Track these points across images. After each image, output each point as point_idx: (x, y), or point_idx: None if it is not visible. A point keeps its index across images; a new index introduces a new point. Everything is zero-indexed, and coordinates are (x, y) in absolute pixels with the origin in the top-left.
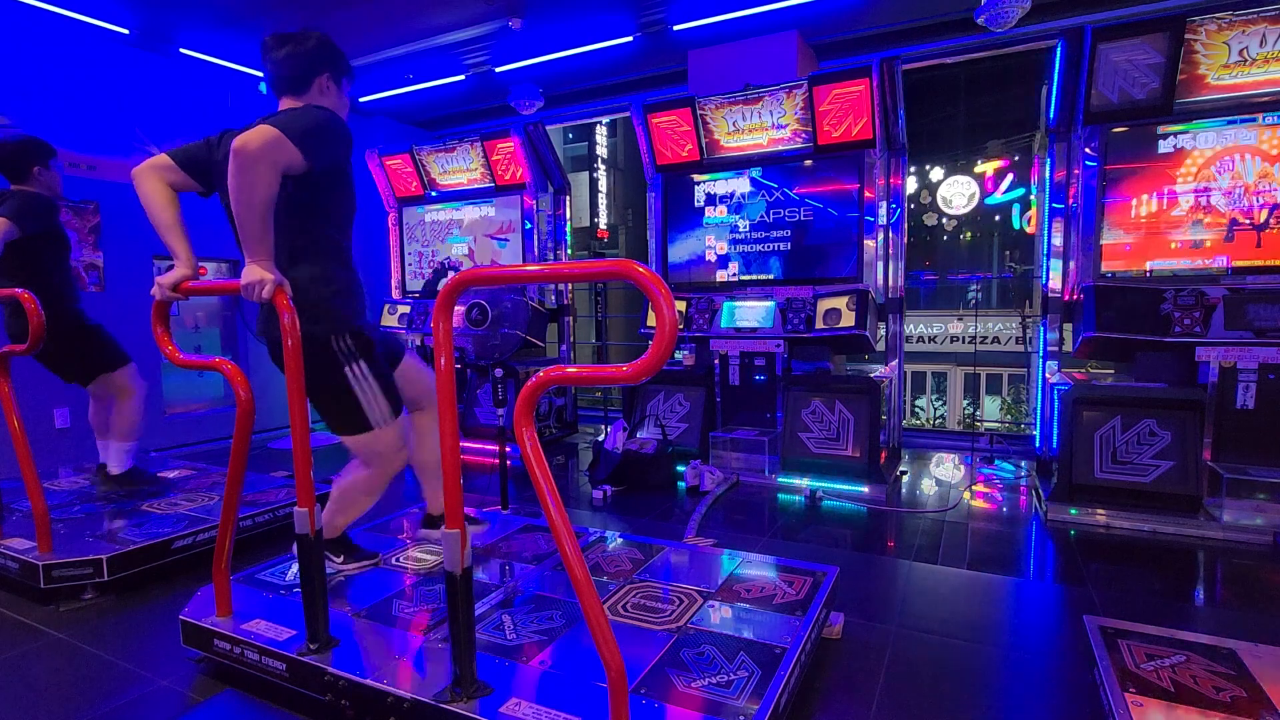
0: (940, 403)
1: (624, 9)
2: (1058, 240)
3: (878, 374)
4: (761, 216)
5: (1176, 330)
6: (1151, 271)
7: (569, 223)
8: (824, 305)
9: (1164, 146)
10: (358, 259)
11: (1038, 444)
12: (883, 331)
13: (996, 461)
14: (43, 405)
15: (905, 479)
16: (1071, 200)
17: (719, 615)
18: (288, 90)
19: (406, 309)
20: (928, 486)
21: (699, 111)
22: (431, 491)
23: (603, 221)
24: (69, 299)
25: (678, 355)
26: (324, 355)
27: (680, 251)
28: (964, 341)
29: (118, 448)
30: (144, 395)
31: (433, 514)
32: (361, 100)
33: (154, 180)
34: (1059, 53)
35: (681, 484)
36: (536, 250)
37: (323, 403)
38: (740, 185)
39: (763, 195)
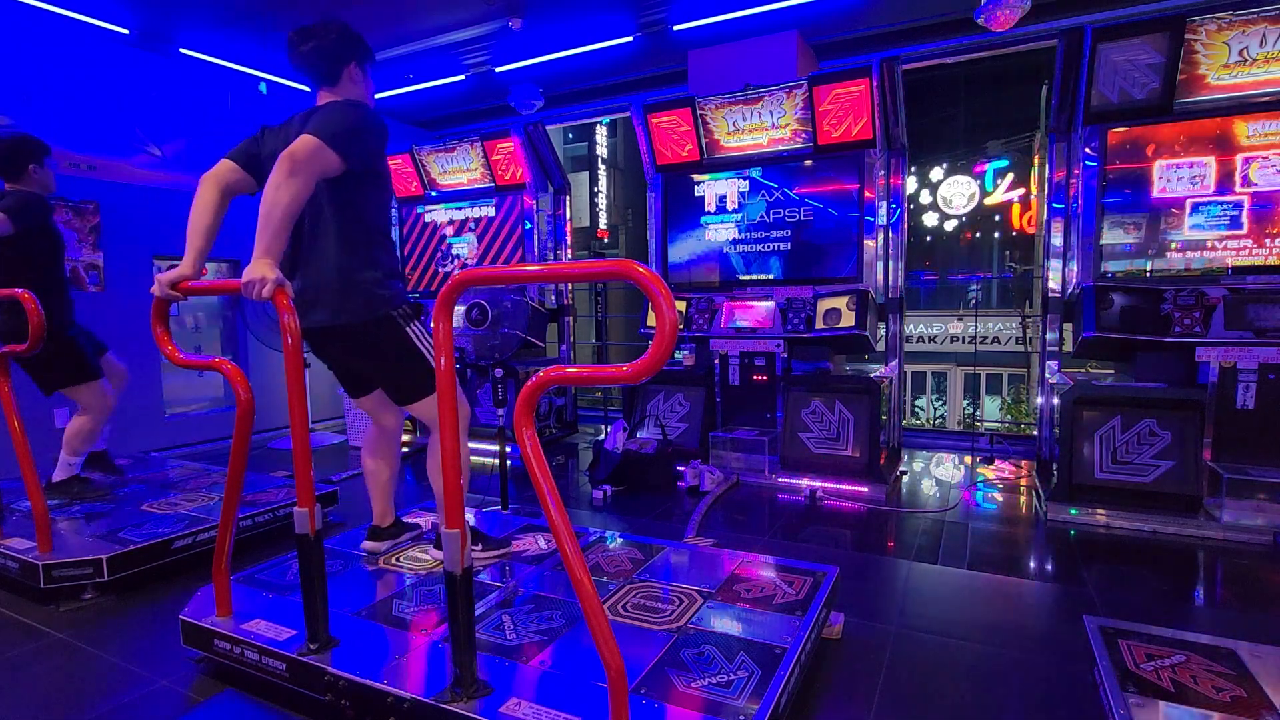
0: (940, 403)
1: (624, 9)
2: (1058, 240)
3: (878, 374)
4: (761, 216)
5: (1176, 330)
6: (1151, 271)
7: (569, 223)
8: (824, 305)
9: (1163, 146)
10: None
11: (1038, 444)
12: (883, 331)
13: (996, 461)
14: (43, 405)
15: (905, 479)
16: (1071, 200)
17: (719, 615)
18: (320, 83)
19: None
20: (928, 486)
21: (699, 111)
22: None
23: (603, 221)
24: (57, 298)
25: (678, 355)
26: (389, 328)
27: (680, 251)
28: (964, 341)
29: (65, 460)
30: (106, 415)
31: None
32: None
33: (212, 188)
34: (1059, 53)
35: (681, 484)
36: (536, 250)
37: (399, 375)
38: (740, 185)
39: (763, 195)
